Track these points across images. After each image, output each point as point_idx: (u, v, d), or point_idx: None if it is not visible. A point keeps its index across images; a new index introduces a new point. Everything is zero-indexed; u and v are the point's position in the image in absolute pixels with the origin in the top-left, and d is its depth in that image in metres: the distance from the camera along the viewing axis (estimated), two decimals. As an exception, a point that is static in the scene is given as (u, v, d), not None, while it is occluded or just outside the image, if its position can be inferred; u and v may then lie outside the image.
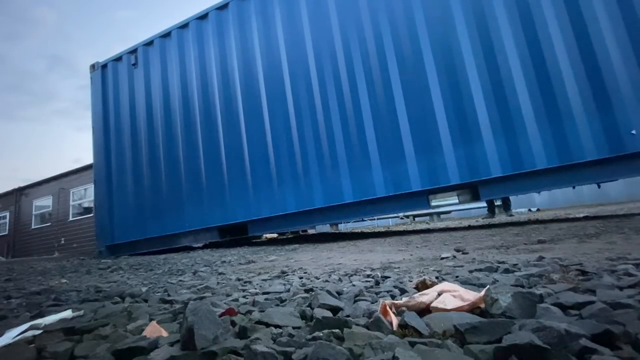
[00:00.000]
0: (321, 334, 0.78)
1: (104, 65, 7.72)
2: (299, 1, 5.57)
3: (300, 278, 1.86)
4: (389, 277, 1.57)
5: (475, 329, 0.70)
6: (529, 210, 13.08)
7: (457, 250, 2.45)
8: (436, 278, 1.40)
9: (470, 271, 1.55)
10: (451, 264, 1.89)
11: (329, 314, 0.99)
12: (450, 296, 0.95)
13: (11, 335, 1.01)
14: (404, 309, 0.93)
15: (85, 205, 16.15)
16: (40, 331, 1.00)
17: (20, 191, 18.56)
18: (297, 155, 5.33)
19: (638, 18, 3.72)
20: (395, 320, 0.84)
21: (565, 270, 1.33)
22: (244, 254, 4.17)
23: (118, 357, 0.77)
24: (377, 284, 1.46)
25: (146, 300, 1.51)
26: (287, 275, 2.04)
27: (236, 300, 1.35)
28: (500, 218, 8.47)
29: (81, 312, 1.27)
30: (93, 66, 7.86)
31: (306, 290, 1.41)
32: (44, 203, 17.66)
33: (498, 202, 9.14)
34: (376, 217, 14.42)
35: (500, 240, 3.02)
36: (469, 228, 5.34)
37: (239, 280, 1.99)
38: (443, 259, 2.12)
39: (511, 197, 10.06)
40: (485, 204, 9.39)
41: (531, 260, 1.68)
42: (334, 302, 1.07)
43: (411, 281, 1.43)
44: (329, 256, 3.09)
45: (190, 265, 3.37)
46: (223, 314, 1.02)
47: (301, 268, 2.34)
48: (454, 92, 4.46)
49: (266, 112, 5.67)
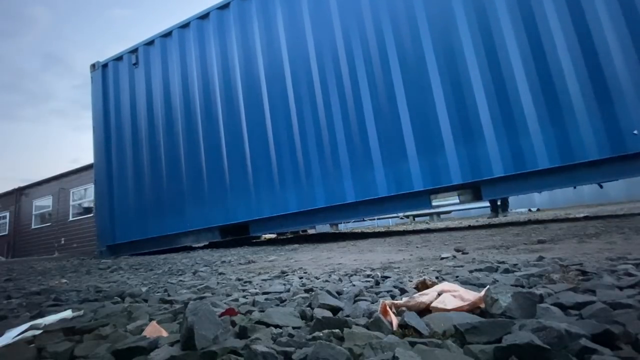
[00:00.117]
0: (321, 334, 0.78)
1: (105, 65, 7.71)
2: (301, 0, 5.57)
3: (300, 278, 1.86)
4: (389, 277, 1.57)
5: (475, 329, 0.70)
6: (529, 210, 13.08)
7: (457, 250, 2.45)
8: (436, 278, 1.40)
9: (470, 271, 1.55)
10: (451, 264, 1.89)
11: (329, 314, 0.99)
12: (450, 296, 0.95)
13: (11, 335, 1.01)
14: (404, 309, 0.93)
15: (85, 205, 16.16)
16: (40, 331, 1.00)
17: (20, 191, 18.57)
18: (299, 155, 5.32)
19: None
20: (395, 320, 0.84)
21: (565, 270, 1.33)
22: (244, 254, 4.17)
23: (118, 357, 0.77)
24: (377, 284, 1.46)
25: (146, 300, 1.51)
26: (287, 275, 2.04)
27: (236, 300, 1.35)
28: (500, 218, 8.48)
29: (81, 312, 1.27)
30: (93, 66, 7.86)
31: (306, 290, 1.41)
32: (44, 203, 17.67)
33: (498, 202, 9.20)
34: (376, 217, 14.42)
35: (500, 240, 3.02)
36: (469, 228, 5.34)
37: (239, 280, 1.99)
38: (443, 259, 2.12)
39: (512, 197, 10.08)
40: (484, 204, 9.42)
41: (531, 260, 1.68)
42: (334, 302, 1.07)
43: (411, 281, 1.43)
44: (329, 256, 3.09)
45: (190, 265, 3.37)
46: (223, 314, 1.02)
47: (301, 268, 2.34)
48: (456, 92, 4.46)
49: (268, 112, 5.67)
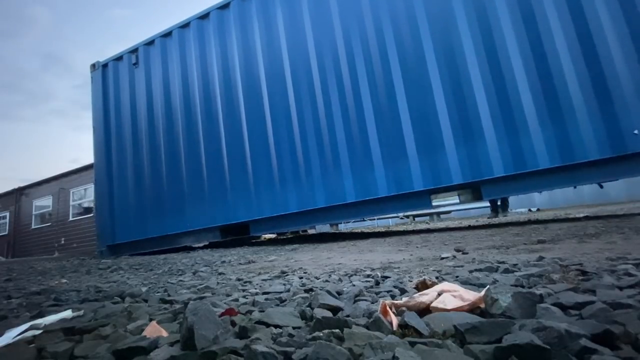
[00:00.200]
0: (321, 334, 0.78)
1: (105, 65, 7.72)
2: (301, 0, 5.57)
3: (300, 278, 1.86)
4: (389, 277, 1.57)
5: (475, 329, 0.70)
6: (529, 210, 13.08)
7: (457, 250, 2.45)
8: (436, 278, 1.40)
9: (470, 271, 1.55)
10: (451, 264, 1.89)
11: (329, 314, 0.99)
12: (450, 296, 0.95)
13: (11, 335, 1.01)
14: (404, 309, 0.93)
15: (85, 205, 16.16)
16: (40, 331, 1.00)
17: (20, 191, 18.57)
18: (299, 155, 5.32)
19: None
20: (395, 320, 0.84)
21: (565, 270, 1.33)
22: (244, 254, 4.17)
23: (118, 357, 0.77)
24: (377, 284, 1.46)
25: (146, 300, 1.51)
26: (287, 275, 2.04)
27: (236, 300, 1.35)
28: (500, 218, 8.48)
29: (81, 312, 1.27)
30: (93, 65, 7.86)
31: (306, 290, 1.41)
32: (44, 203, 17.66)
33: (498, 202, 9.21)
34: (376, 217, 14.42)
35: (500, 240, 3.02)
36: (469, 228, 5.34)
37: (239, 280, 1.99)
38: (443, 259, 2.12)
39: (511, 197, 10.09)
40: (484, 204, 9.44)
41: (531, 260, 1.68)
42: (334, 302, 1.07)
43: (411, 281, 1.43)
44: (329, 256, 3.09)
45: (190, 265, 3.37)
46: (223, 314, 1.02)
47: (301, 268, 2.34)
48: (456, 91, 4.46)
49: (268, 112, 5.66)
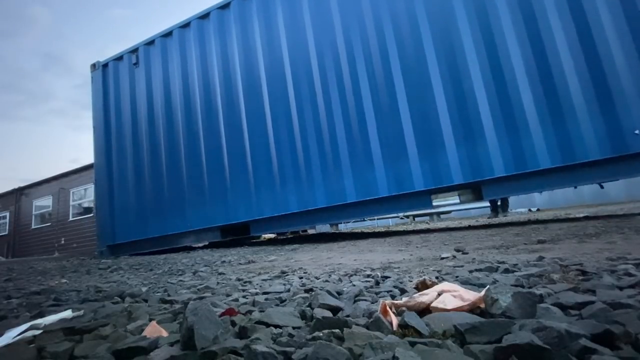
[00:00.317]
0: (321, 334, 0.78)
1: (105, 65, 7.72)
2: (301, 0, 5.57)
3: (300, 278, 1.86)
4: (389, 277, 1.57)
5: (475, 329, 0.70)
6: (529, 210, 13.08)
7: (457, 250, 2.45)
8: (436, 278, 1.40)
9: (470, 271, 1.55)
10: (451, 264, 1.89)
11: (329, 314, 0.99)
12: (450, 296, 0.95)
13: (11, 335, 1.01)
14: (404, 309, 0.93)
15: (85, 205, 16.16)
16: (40, 331, 1.00)
17: (20, 191, 18.57)
18: (300, 155, 5.32)
19: None
20: (395, 320, 0.84)
21: (565, 270, 1.33)
22: (244, 254, 4.17)
23: (118, 357, 0.77)
24: (377, 284, 1.46)
25: (146, 300, 1.51)
26: (287, 275, 2.04)
27: (236, 300, 1.35)
28: (500, 218, 8.49)
29: (81, 312, 1.27)
30: (94, 65, 7.86)
31: (306, 290, 1.41)
32: (44, 203, 17.66)
33: (498, 202, 9.22)
34: (376, 217, 14.42)
35: (500, 240, 3.02)
36: (469, 228, 5.34)
37: (239, 280, 1.99)
38: (443, 259, 2.12)
39: (511, 197, 10.09)
40: (484, 204, 9.45)
41: (531, 260, 1.68)
42: (334, 302, 1.07)
43: (411, 281, 1.43)
44: (329, 256, 3.09)
45: (190, 265, 3.37)
46: (223, 314, 1.02)
47: (301, 268, 2.34)
48: (457, 91, 4.46)
49: (268, 112, 5.67)
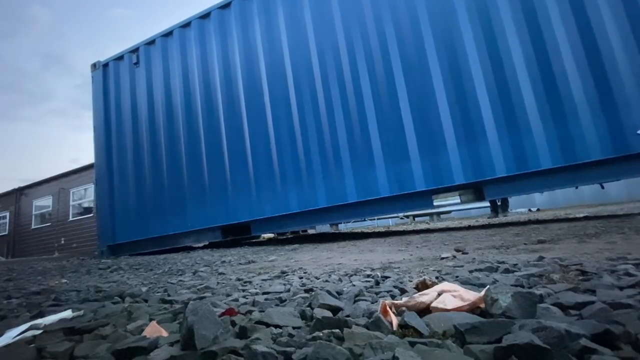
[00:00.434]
0: (321, 334, 0.78)
1: (105, 65, 7.72)
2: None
3: (300, 278, 1.86)
4: (389, 277, 1.57)
5: (475, 329, 0.70)
6: (529, 210, 13.08)
7: (457, 250, 2.45)
8: (436, 278, 1.40)
9: (470, 271, 1.55)
10: (451, 264, 1.89)
11: (329, 314, 0.99)
12: (450, 296, 0.95)
13: (11, 335, 1.01)
14: (404, 309, 0.93)
15: (85, 205, 16.15)
16: (40, 331, 1.00)
17: (20, 191, 18.56)
18: (300, 155, 5.32)
19: None
20: (395, 320, 0.84)
21: (565, 270, 1.33)
22: (244, 254, 4.17)
23: (118, 357, 0.77)
24: (377, 284, 1.46)
25: (146, 300, 1.51)
26: (287, 275, 2.04)
27: (236, 300, 1.35)
28: (500, 218, 8.49)
29: (81, 312, 1.27)
30: (94, 65, 7.86)
31: (306, 290, 1.41)
32: (44, 203, 17.65)
33: (498, 202, 9.23)
34: (377, 217, 14.42)
35: (500, 240, 3.02)
36: (469, 228, 5.34)
37: (239, 280, 1.99)
38: (443, 259, 2.12)
39: (512, 197, 10.09)
40: (484, 204, 9.45)
41: (531, 260, 1.68)
42: (334, 302, 1.07)
43: (411, 281, 1.43)
44: (329, 256, 3.09)
45: (190, 265, 3.37)
46: (223, 314, 1.02)
47: (301, 268, 2.34)
48: (458, 91, 4.46)
49: (269, 111, 5.66)
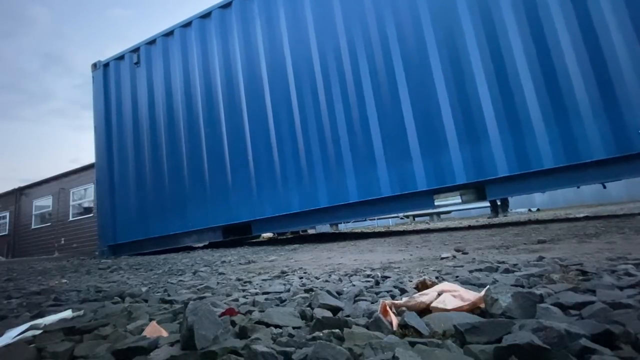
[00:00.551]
0: (321, 334, 0.78)
1: (106, 64, 7.71)
2: None
3: (300, 278, 1.86)
4: (389, 277, 1.57)
5: (475, 329, 0.70)
6: (529, 210, 13.08)
7: (457, 250, 2.45)
8: (436, 278, 1.40)
9: (470, 271, 1.55)
10: (451, 264, 1.89)
11: (329, 314, 0.99)
12: (450, 296, 0.95)
13: (11, 335, 1.01)
14: (404, 309, 0.93)
15: (85, 205, 16.15)
16: (40, 331, 1.00)
17: (20, 191, 18.56)
18: (302, 154, 5.31)
19: None
20: (395, 320, 0.84)
21: (565, 270, 1.33)
22: (244, 254, 4.17)
23: (118, 357, 0.77)
24: (377, 284, 1.46)
25: (146, 300, 1.51)
26: (287, 275, 2.04)
27: (236, 300, 1.35)
28: (500, 218, 8.49)
29: (81, 312, 1.27)
30: (95, 65, 7.85)
31: (306, 290, 1.41)
32: (44, 203, 17.65)
33: (498, 202, 9.23)
34: (377, 217, 14.42)
35: (500, 240, 3.01)
36: (469, 228, 5.34)
37: (239, 280, 1.99)
38: (443, 259, 2.12)
39: (512, 197, 10.10)
40: (484, 204, 9.46)
41: (531, 260, 1.68)
42: (334, 302, 1.07)
43: (411, 281, 1.43)
44: (329, 256, 3.09)
45: (190, 265, 3.37)
46: (223, 314, 1.02)
47: (301, 268, 2.34)
48: (460, 91, 4.45)
49: (270, 111, 5.66)
